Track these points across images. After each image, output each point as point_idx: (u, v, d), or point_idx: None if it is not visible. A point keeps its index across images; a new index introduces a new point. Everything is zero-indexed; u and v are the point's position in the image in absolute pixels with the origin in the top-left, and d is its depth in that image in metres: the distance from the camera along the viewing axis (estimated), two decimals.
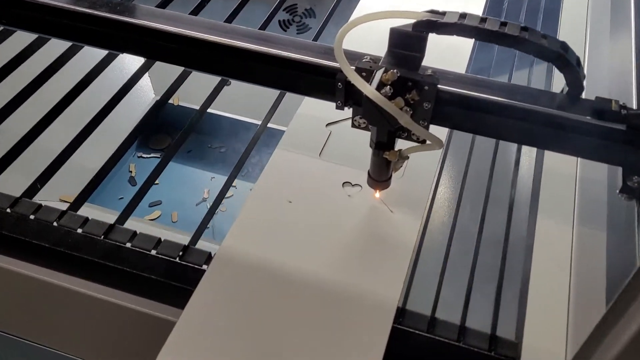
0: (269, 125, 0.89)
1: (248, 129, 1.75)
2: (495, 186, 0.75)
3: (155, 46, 0.67)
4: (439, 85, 0.54)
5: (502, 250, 0.66)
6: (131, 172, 1.78)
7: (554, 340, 0.58)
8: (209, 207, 1.79)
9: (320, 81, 0.60)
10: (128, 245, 0.66)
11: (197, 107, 0.91)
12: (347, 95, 0.59)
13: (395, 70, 0.52)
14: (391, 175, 0.67)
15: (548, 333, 0.59)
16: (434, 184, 0.74)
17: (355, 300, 0.60)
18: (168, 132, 1.92)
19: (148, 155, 1.86)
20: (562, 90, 0.61)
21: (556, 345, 0.58)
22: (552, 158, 0.78)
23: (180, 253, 0.66)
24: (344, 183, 0.73)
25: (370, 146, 0.63)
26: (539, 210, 0.71)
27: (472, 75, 0.61)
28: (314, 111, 0.83)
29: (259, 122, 0.91)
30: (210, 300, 0.61)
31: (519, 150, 0.81)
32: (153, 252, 0.66)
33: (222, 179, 1.79)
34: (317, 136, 0.79)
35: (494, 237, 0.68)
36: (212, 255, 0.66)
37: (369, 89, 0.52)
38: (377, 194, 0.71)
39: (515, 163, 0.78)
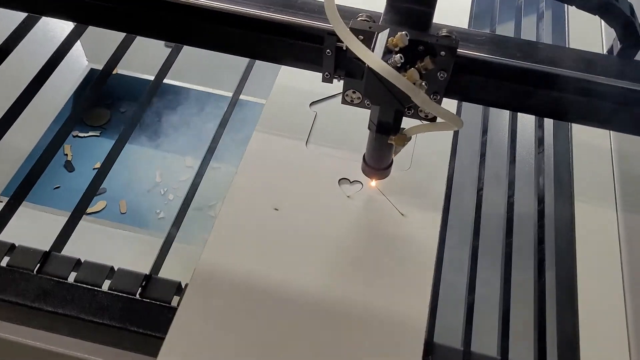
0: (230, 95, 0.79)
1: (204, 99, 1.61)
2: (520, 171, 0.66)
3: (86, 5, 0.55)
4: (458, 50, 0.46)
5: (536, 255, 0.58)
6: (67, 155, 1.60)
7: None
8: (163, 193, 1.68)
9: (302, 47, 0.52)
10: (71, 279, 0.55)
11: (139, 75, 0.79)
12: (338, 64, 0.50)
13: (404, 33, 0.43)
14: (392, 162, 0.58)
15: (607, 354, 0.52)
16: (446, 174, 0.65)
17: (372, 334, 0.51)
18: (106, 106, 1.75)
19: (85, 134, 1.68)
20: (610, 49, 0.52)
21: None
22: (580, 131, 0.70)
23: (143, 283, 0.55)
24: (340, 180, 0.63)
25: (369, 128, 0.53)
26: (576, 197, 0.63)
27: (498, 35, 0.53)
28: (295, 82, 0.72)
29: (215, 91, 0.81)
30: (188, 348, 0.50)
31: (540, 127, 0.72)
32: (106, 282, 0.55)
33: (175, 159, 1.67)
34: (301, 115, 0.69)
35: (526, 237, 0.60)
36: (184, 285, 0.55)
37: (374, 59, 0.42)
38: (374, 183, 0.62)
39: (539, 143, 0.70)
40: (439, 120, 0.49)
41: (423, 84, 0.45)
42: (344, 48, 0.47)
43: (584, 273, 0.57)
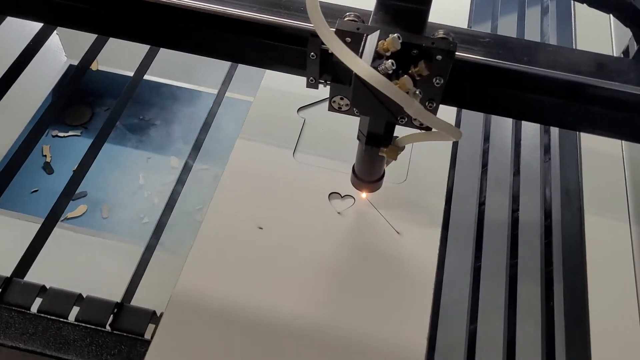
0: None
1: (189, 96, 1.57)
2: (525, 182, 0.63)
3: (56, 5, 0.53)
4: (456, 53, 0.43)
5: (544, 277, 0.55)
6: (45, 156, 1.56)
7: None
8: (147, 196, 1.64)
9: (285, 50, 0.49)
10: (33, 309, 0.51)
11: (121, 72, 0.76)
12: (323, 69, 0.47)
13: (397, 35, 0.40)
14: (384, 174, 0.55)
15: None
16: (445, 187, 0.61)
17: None
18: (87, 103, 1.71)
19: (65, 134, 1.64)
20: (626, 50, 0.49)
21: None
22: (589, 136, 0.66)
23: (115, 310, 0.52)
24: (330, 194, 0.59)
25: (359, 139, 0.51)
26: (586, 210, 0.60)
27: (501, 36, 0.49)
28: (282, 84, 0.69)
29: (201, 88, 0.79)
30: None
31: (546, 132, 0.69)
32: (75, 309, 0.52)
33: (160, 160, 1.63)
34: (288, 122, 0.66)
35: (532, 256, 0.57)
36: (159, 314, 0.52)
37: (362, 66, 0.39)
38: (364, 195, 0.59)
39: (545, 150, 0.66)
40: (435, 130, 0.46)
41: (417, 92, 0.42)
42: (330, 51, 0.44)
43: (596, 295, 0.54)
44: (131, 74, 0.77)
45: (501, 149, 0.67)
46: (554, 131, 0.69)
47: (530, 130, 0.71)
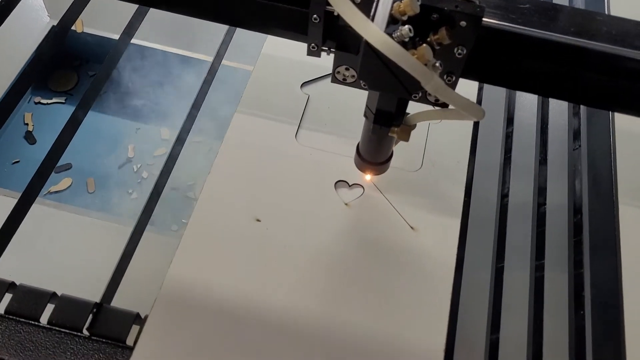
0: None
1: (181, 62, 1.53)
2: (553, 172, 0.58)
3: None
4: (484, 19, 0.39)
5: (573, 281, 0.51)
6: (27, 124, 1.52)
7: None
8: (136, 170, 1.60)
9: (286, 11, 0.45)
10: (0, 310, 0.47)
11: (110, 35, 0.72)
12: (327, 34, 0.43)
13: None
14: (392, 155, 0.52)
15: None
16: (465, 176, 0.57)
17: None
18: (73, 68, 1.66)
19: (49, 101, 1.59)
20: None
21: None
22: (624, 118, 0.62)
23: (94, 311, 0.48)
24: (337, 183, 0.55)
25: (366, 116, 0.47)
26: (620, 202, 0.56)
27: (539, 1, 0.44)
28: (284, 52, 0.65)
29: (195, 55, 0.76)
30: None
31: (576, 115, 0.64)
32: (48, 309, 0.48)
33: (150, 131, 1.59)
34: (291, 99, 0.62)
35: (561, 255, 0.52)
36: (143, 316, 0.48)
37: (373, 32, 0.35)
38: (368, 177, 0.56)
39: (575, 135, 0.62)
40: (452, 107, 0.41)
41: (437, 64, 0.38)
42: (336, 13, 0.40)
43: (631, 302, 0.50)
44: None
45: (526, 133, 0.63)
46: (584, 113, 0.64)
47: (558, 110, 0.66)
